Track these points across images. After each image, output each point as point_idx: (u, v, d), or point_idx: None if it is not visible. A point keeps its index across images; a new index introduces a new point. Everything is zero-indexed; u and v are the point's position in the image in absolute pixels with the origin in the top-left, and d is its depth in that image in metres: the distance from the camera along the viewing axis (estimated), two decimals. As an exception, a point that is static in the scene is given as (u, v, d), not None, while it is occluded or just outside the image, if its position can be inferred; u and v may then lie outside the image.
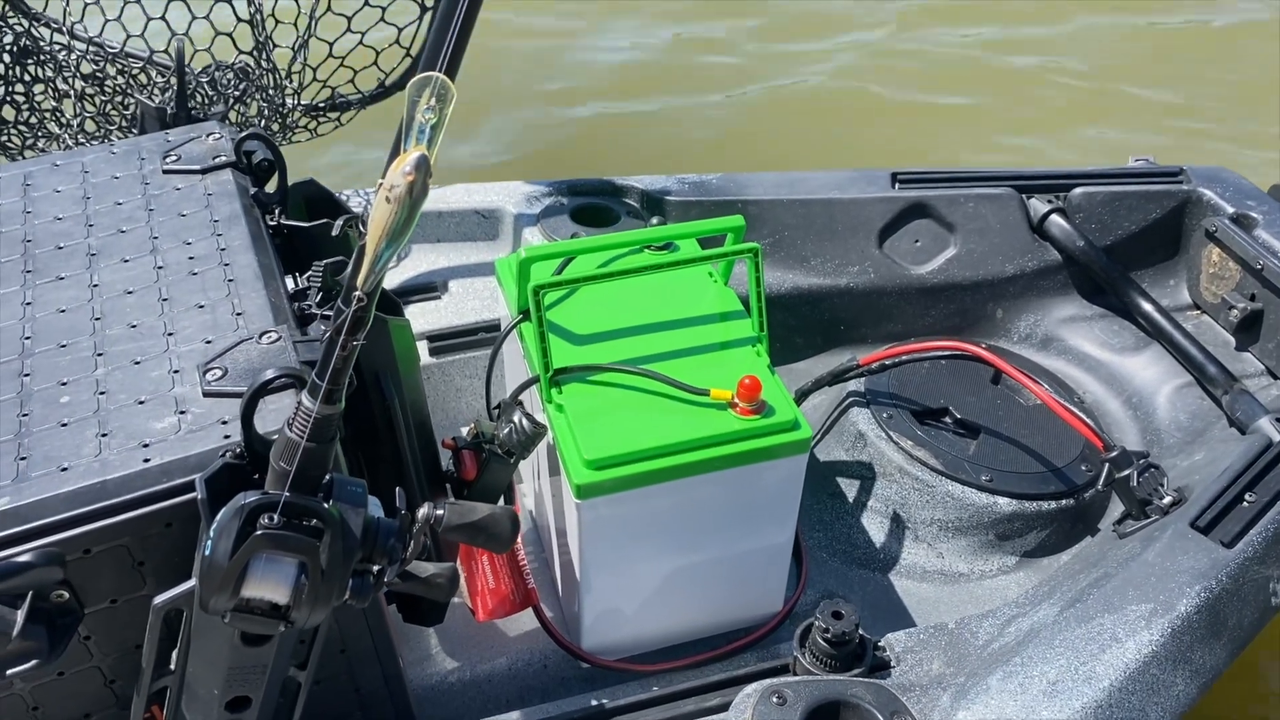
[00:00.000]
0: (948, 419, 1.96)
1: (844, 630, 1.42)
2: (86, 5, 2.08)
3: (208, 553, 0.93)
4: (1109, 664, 1.35)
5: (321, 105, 2.36)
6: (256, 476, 1.04)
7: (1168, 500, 1.62)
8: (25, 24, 2.17)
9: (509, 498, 1.59)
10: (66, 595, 1.06)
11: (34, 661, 1.04)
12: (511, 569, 1.67)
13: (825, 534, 1.90)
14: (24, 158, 2.24)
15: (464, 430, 1.53)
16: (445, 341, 2.06)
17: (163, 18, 2.06)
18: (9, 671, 1.03)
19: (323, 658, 1.20)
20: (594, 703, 1.51)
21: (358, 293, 0.86)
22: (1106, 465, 1.68)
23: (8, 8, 2.14)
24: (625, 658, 1.66)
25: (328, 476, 0.98)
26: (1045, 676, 1.34)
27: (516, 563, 1.67)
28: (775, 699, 1.33)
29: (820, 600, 1.80)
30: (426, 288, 2.15)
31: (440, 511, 1.10)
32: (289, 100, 2.31)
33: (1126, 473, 1.65)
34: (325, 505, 0.95)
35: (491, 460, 1.49)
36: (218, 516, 0.94)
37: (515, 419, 1.49)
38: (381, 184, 0.81)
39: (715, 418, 1.47)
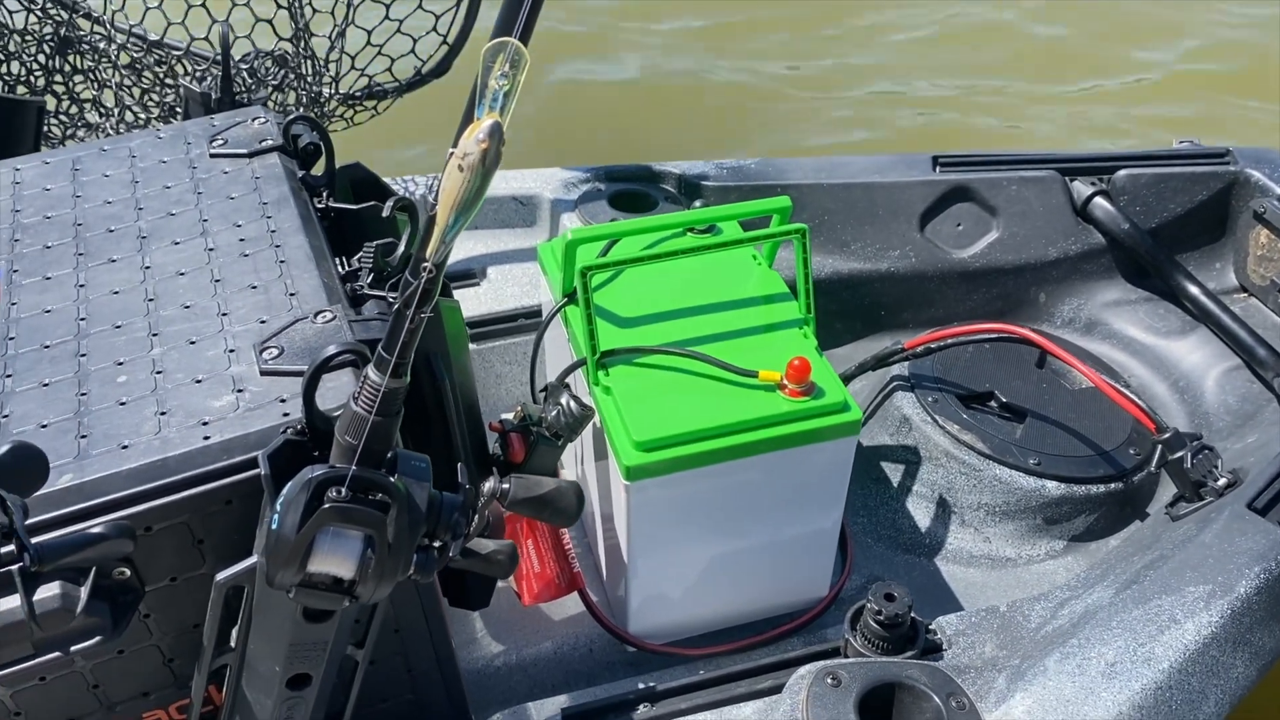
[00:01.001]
0: (993, 403, 1.94)
1: (896, 612, 1.41)
2: (127, -7, 2.09)
3: (275, 526, 0.93)
4: (1168, 645, 1.33)
5: (358, 94, 2.36)
6: (317, 454, 1.04)
7: (1222, 482, 1.60)
8: (65, 15, 2.18)
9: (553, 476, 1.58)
10: (128, 573, 1.06)
11: (97, 638, 1.04)
12: (557, 552, 1.66)
13: (870, 519, 1.89)
14: (64, 147, 2.25)
15: (510, 414, 1.53)
16: (485, 328, 2.05)
17: (203, 4, 2.06)
18: (73, 648, 1.03)
19: (377, 637, 1.20)
20: (642, 685, 1.50)
21: (426, 264, 0.85)
22: (1159, 447, 1.66)
23: (48, -1, 2.15)
24: (671, 642, 1.65)
25: (391, 451, 0.98)
26: (1103, 658, 1.33)
27: (562, 546, 1.67)
28: (830, 680, 1.31)
29: (865, 585, 1.79)
30: (465, 274, 2.15)
31: (506, 485, 1.09)
32: (326, 89, 2.31)
33: (1180, 454, 1.63)
34: (391, 479, 0.95)
35: (539, 443, 1.48)
36: (285, 490, 0.94)
37: (563, 401, 1.48)
38: (453, 152, 0.80)
39: (764, 399, 1.46)
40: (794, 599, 1.70)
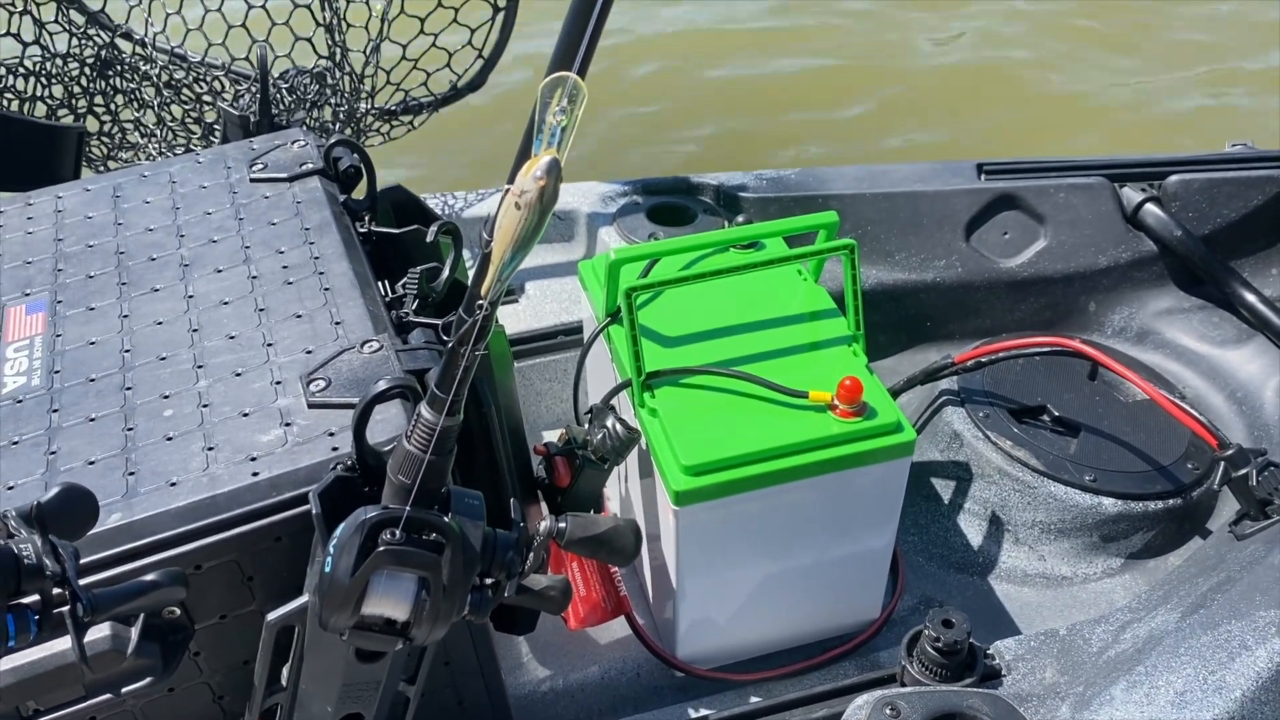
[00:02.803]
0: (1045, 417, 1.90)
1: (955, 639, 1.37)
2: (168, 15, 2.08)
3: (327, 570, 0.91)
4: (1239, 673, 1.29)
5: (394, 108, 2.35)
6: (368, 489, 1.02)
7: (1289, 500, 1.55)
8: (106, 37, 2.18)
9: (598, 503, 1.56)
10: (178, 611, 1.05)
11: (148, 679, 1.02)
12: (602, 576, 1.64)
13: (921, 537, 1.85)
14: (106, 168, 2.26)
15: (553, 436, 1.51)
16: (525, 345, 2.03)
17: (243, 25, 2.06)
18: (124, 690, 1.02)
19: (428, 671, 1.18)
20: (693, 714, 1.48)
21: (481, 301, 0.83)
22: (1222, 464, 1.61)
23: (88, 22, 2.15)
24: (720, 666, 1.62)
25: (445, 488, 0.96)
26: (1172, 686, 1.28)
27: (608, 569, 1.64)
28: (889, 711, 1.28)
29: (917, 606, 1.76)
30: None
31: (562, 524, 1.07)
32: (362, 104, 2.30)
33: (1244, 471, 1.58)
34: (445, 519, 0.93)
35: (585, 467, 1.46)
36: (337, 532, 0.92)
37: (608, 424, 1.45)
38: (509, 189, 0.78)
39: (815, 421, 1.43)
40: (845, 621, 1.66)
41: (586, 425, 1.50)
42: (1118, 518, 1.77)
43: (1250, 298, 2.03)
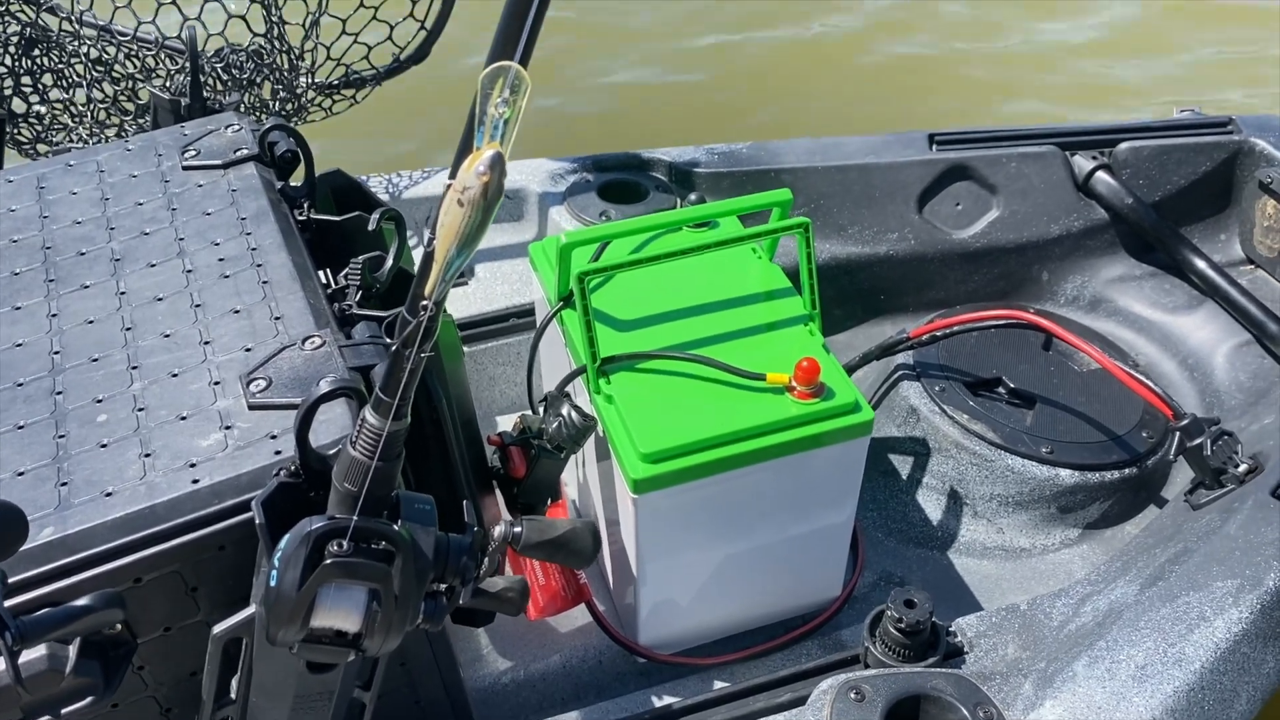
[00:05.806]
0: (1001, 389, 1.89)
1: (918, 619, 1.36)
2: (96, -11, 2.00)
3: (273, 583, 0.87)
4: (1198, 644, 1.30)
5: (336, 83, 2.28)
6: (313, 494, 0.98)
7: (1243, 468, 1.56)
8: (32, 13, 2.08)
9: (555, 491, 1.53)
10: (119, 626, 1.01)
11: (89, 699, 0.98)
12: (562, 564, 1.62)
13: (880, 513, 1.85)
14: (36, 152, 2.17)
15: (508, 421, 1.47)
16: (476, 329, 1.99)
17: (173, 1, 1.97)
18: (64, 710, 0.98)
19: (384, 672, 1.15)
20: (658, 702, 1.46)
21: (425, 302, 0.79)
22: (1177, 434, 1.62)
23: (13, -3, 2.06)
24: (683, 651, 1.61)
25: (394, 493, 0.92)
26: (1133, 660, 1.29)
27: (567, 557, 1.62)
28: (853, 695, 1.27)
29: (878, 582, 1.76)
30: None
31: (518, 529, 1.04)
32: (302, 80, 2.23)
33: (1199, 441, 1.59)
34: (394, 526, 0.89)
35: (541, 456, 1.43)
36: (282, 544, 0.88)
37: (564, 412, 1.43)
38: (451, 185, 0.74)
39: (773, 403, 1.41)
40: (806, 600, 1.65)
41: (541, 413, 1.47)
42: (1075, 489, 1.78)
43: (1200, 264, 2.04)
